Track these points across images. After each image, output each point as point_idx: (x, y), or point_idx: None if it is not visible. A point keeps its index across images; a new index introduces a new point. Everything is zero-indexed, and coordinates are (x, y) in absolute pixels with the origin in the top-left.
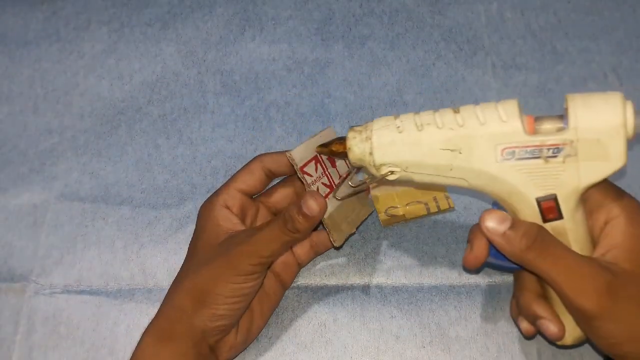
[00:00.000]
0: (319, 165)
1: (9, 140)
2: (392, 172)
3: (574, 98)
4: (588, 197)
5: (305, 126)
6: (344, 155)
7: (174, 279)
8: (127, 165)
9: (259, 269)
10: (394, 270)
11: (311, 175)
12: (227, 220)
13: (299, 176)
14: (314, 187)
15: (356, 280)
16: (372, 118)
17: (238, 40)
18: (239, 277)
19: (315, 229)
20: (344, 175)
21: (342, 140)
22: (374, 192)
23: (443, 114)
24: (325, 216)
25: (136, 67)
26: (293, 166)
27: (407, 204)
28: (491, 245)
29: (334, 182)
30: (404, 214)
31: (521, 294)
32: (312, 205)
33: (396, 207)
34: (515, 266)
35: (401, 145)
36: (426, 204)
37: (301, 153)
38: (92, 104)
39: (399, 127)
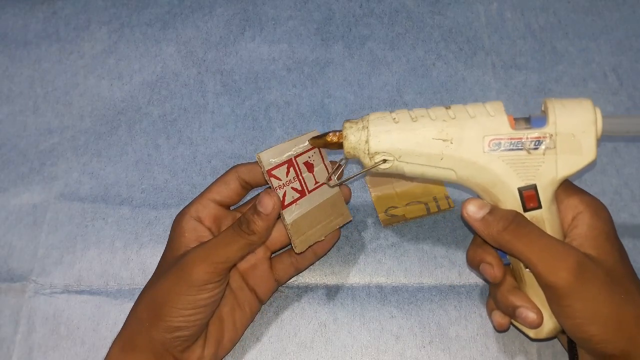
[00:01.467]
0: (292, 169)
1: (9, 140)
2: (385, 161)
3: (551, 100)
4: (556, 197)
5: (305, 126)
6: (337, 146)
7: (142, 290)
8: (127, 165)
9: (214, 277)
10: (394, 270)
11: (279, 179)
12: (193, 232)
13: (265, 179)
14: (280, 192)
15: (356, 280)
16: None
17: (238, 40)
18: (192, 288)
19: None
20: (321, 183)
21: (336, 131)
22: (374, 192)
23: (435, 109)
24: (289, 221)
25: (136, 67)
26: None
27: (407, 204)
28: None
29: (307, 188)
30: (404, 214)
31: (497, 289)
32: (266, 203)
33: (396, 207)
34: (508, 261)
35: (396, 133)
36: (426, 204)
37: (272, 155)
38: (92, 104)
39: (394, 118)
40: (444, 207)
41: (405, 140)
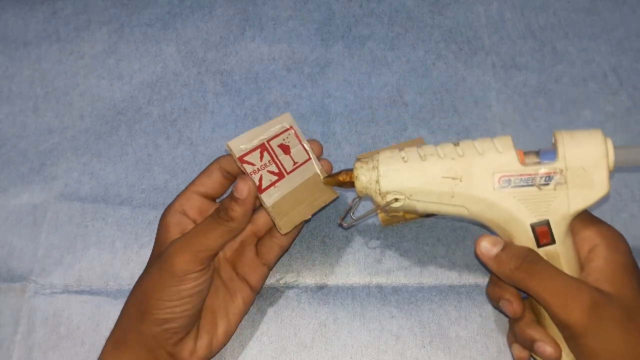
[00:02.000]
0: (265, 153)
1: (9, 140)
2: (396, 200)
3: (561, 133)
4: (572, 228)
5: (305, 126)
6: (350, 185)
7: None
8: (127, 165)
9: (196, 266)
10: (394, 270)
11: (253, 164)
12: (178, 225)
13: (238, 166)
14: (255, 177)
15: (356, 280)
16: (372, 118)
17: (238, 40)
18: (174, 279)
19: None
20: (300, 163)
21: (348, 170)
22: None
23: (444, 146)
24: (269, 204)
25: (136, 67)
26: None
27: None
28: None
29: (284, 170)
30: (404, 214)
31: (516, 322)
32: (241, 188)
33: None
34: (524, 294)
35: (406, 173)
36: None
37: (242, 142)
38: (92, 104)
39: (403, 157)
40: None
41: (415, 179)
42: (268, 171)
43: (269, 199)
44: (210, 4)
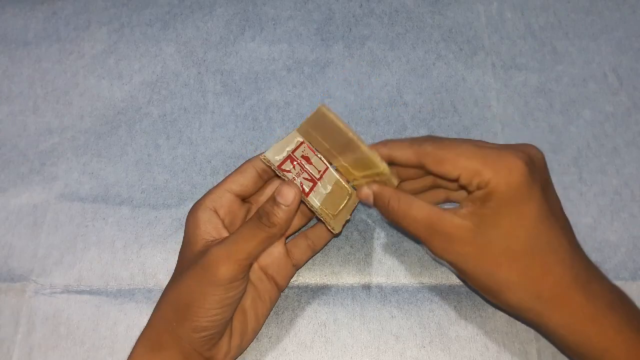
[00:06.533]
0: (295, 163)
1: (9, 140)
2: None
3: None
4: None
5: None
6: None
7: (165, 287)
8: (127, 165)
9: (238, 274)
10: (394, 270)
11: (291, 172)
12: (209, 223)
13: (279, 174)
14: (297, 182)
15: (356, 280)
16: (372, 118)
17: (238, 40)
18: (219, 288)
19: (305, 225)
20: (322, 171)
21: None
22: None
23: None
24: (317, 206)
25: (136, 67)
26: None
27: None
28: None
29: (314, 177)
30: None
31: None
32: (286, 194)
33: (357, 180)
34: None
35: None
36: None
37: (275, 153)
38: (92, 104)
39: None
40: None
41: None
42: (304, 178)
43: (314, 201)
44: (210, 4)
